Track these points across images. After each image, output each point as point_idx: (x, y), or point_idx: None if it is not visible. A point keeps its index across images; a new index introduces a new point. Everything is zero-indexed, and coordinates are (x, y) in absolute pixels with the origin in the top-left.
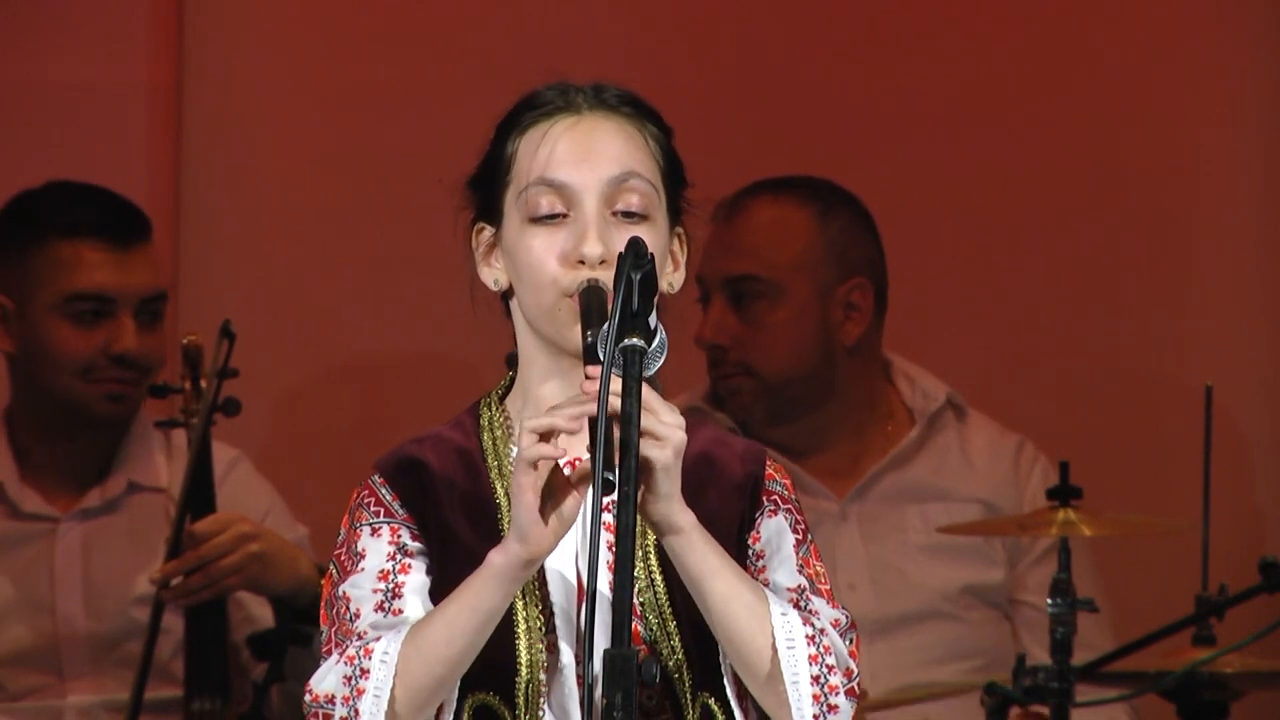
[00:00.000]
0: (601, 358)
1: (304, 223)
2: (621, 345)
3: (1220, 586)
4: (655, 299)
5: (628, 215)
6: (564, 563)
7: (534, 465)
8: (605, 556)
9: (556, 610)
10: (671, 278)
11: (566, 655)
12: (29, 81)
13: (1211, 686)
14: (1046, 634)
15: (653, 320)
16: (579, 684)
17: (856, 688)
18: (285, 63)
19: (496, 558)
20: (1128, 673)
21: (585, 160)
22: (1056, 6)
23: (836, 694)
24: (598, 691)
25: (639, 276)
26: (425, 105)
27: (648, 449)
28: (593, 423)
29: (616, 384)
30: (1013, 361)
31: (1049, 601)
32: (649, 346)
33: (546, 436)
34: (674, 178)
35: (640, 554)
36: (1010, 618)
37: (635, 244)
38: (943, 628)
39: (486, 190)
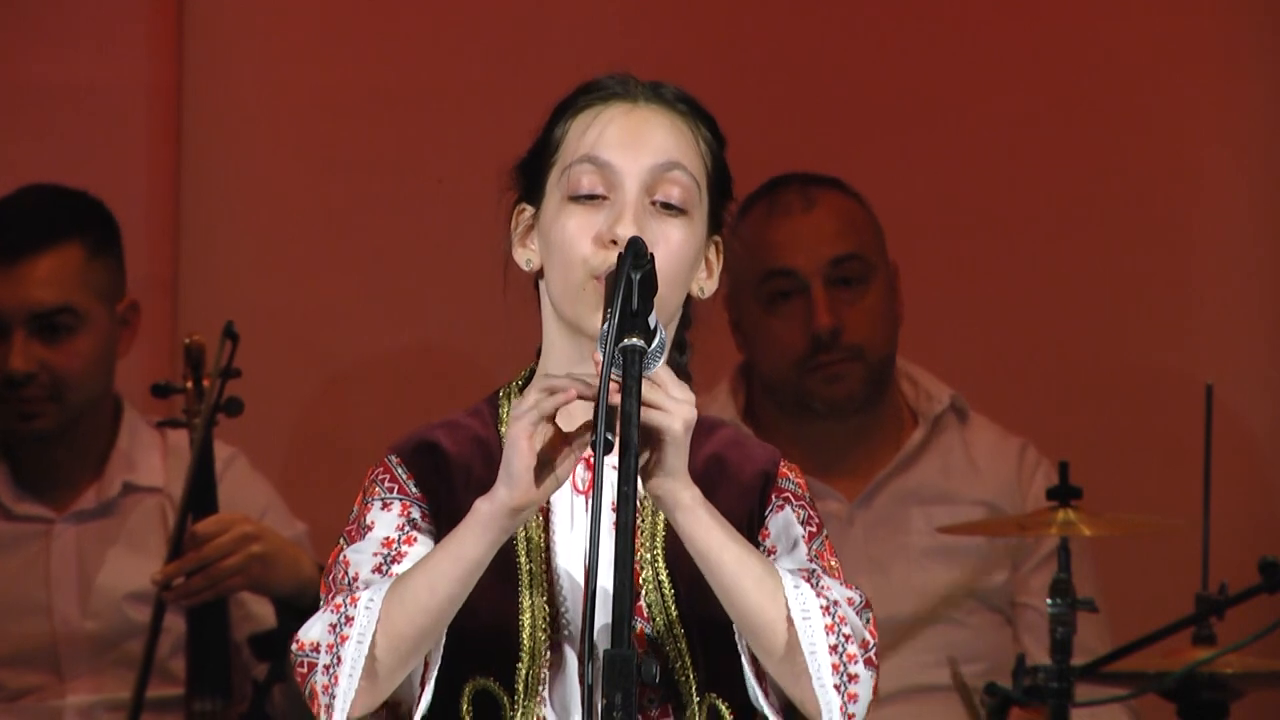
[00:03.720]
0: (601, 355)
1: (304, 222)
2: (621, 345)
3: (1220, 586)
4: (655, 298)
5: (667, 207)
6: (573, 559)
7: (539, 417)
8: (608, 554)
9: (564, 607)
10: (703, 283)
11: (571, 652)
12: (29, 81)
13: (1211, 686)
14: (1048, 637)
15: (653, 319)
16: (581, 683)
17: (875, 658)
18: (285, 63)
19: (482, 505)
20: (1128, 673)
21: (633, 144)
22: (1059, 9)
23: (855, 663)
24: (597, 691)
25: (639, 276)
26: (425, 105)
27: (658, 419)
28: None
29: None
30: (1013, 361)
31: (1049, 601)
32: (649, 346)
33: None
34: (720, 185)
35: (649, 556)
36: (1012, 620)
37: (635, 243)
38: (944, 631)
39: (532, 171)
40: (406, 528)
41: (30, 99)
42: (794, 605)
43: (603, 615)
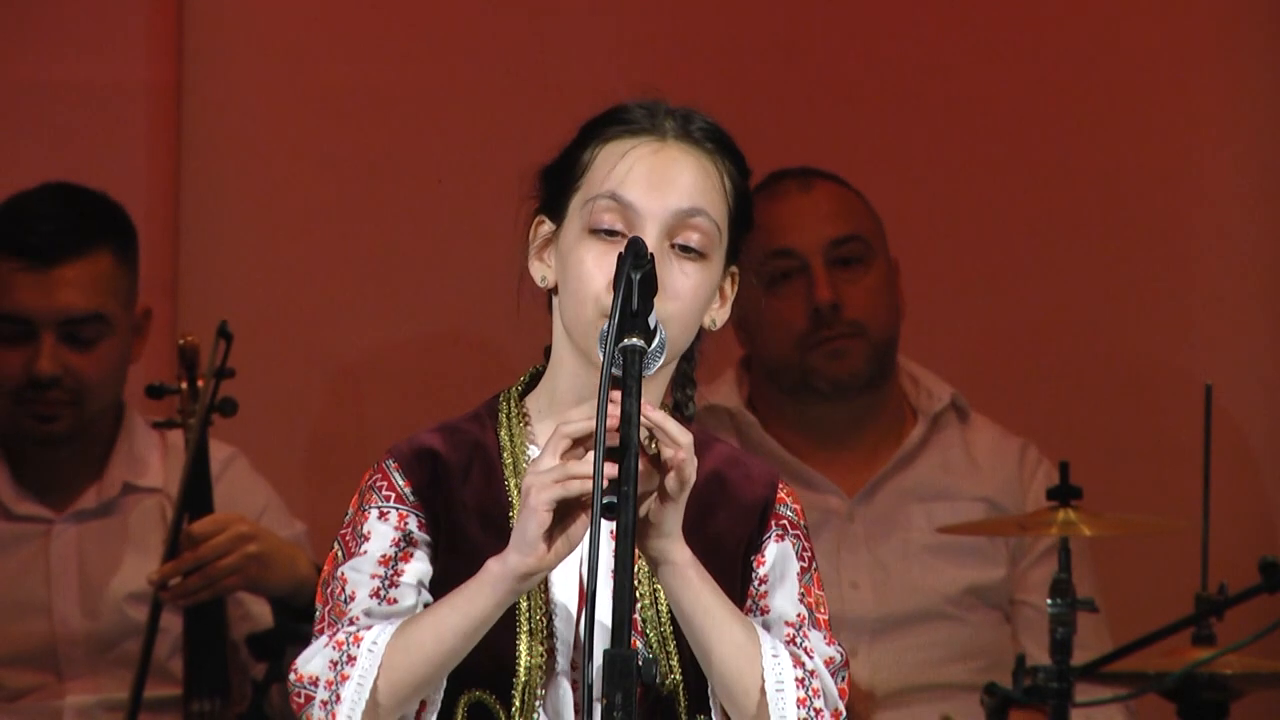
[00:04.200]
0: (601, 356)
1: (303, 223)
2: (621, 345)
3: (1220, 586)
4: (655, 299)
5: (685, 250)
6: (567, 565)
7: (563, 494)
8: (606, 559)
9: (556, 613)
10: (715, 314)
11: (563, 658)
12: (29, 81)
13: (1211, 686)
14: (1045, 634)
15: (653, 320)
16: (574, 687)
17: None
18: (285, 62)
19: (494, 566)
20: (1128, 673)
21: (658, 187)
22: (1061, 9)
23: None
24: (596, 693)
25: (639, 276)
26: (425, 105)
27: (671, 463)
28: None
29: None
30: (1013, 361)
31: (1049, 602)
32: (649, 346)
33: (576, 442)
34: (741, 219)
35: (645, 572)
36: (1010, 618)
37: (635, 244)
38: (944, 628)
39: (556, 187)
40: (403, 543)
41: (30, 99)
42: (769, 676)
43: (601, 622)
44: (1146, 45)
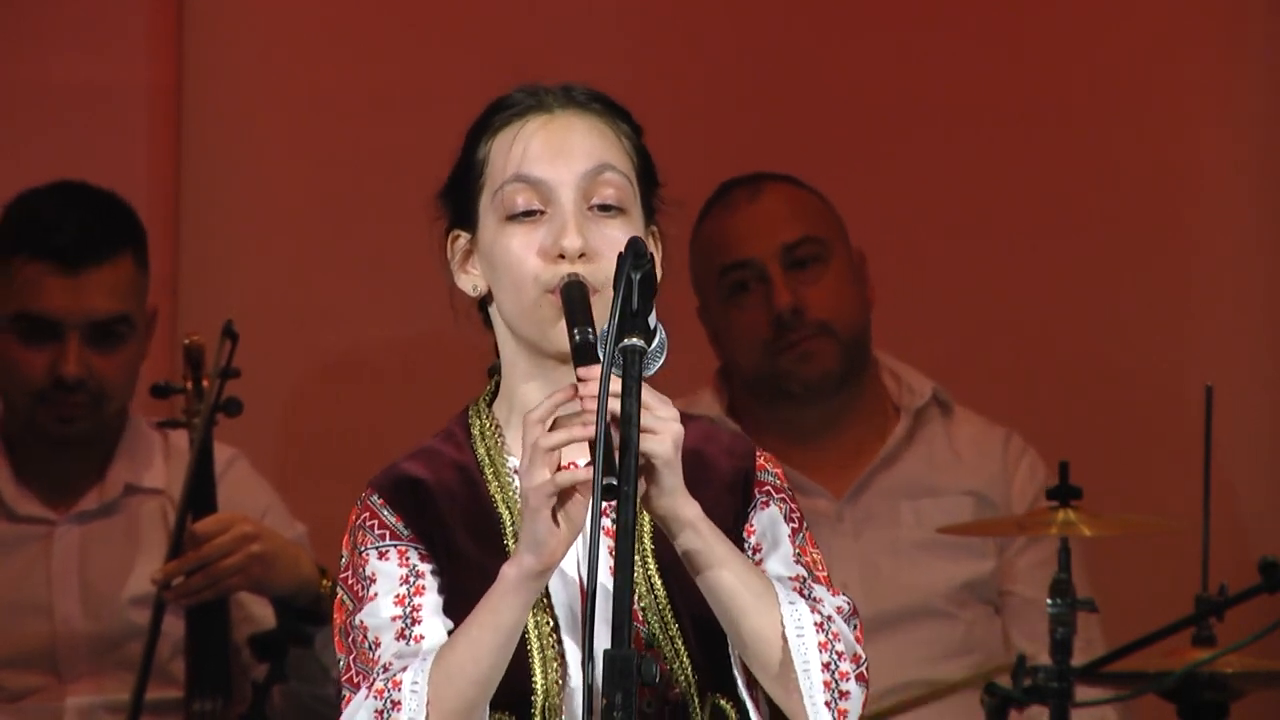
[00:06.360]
0: (600, 357)
1: (304, 222)
2: (621, 345)
3: (1220, 586)
4: (655, 298)
5: (604, 209)
6: (565, 566)
7: (555, 488)
8: (605, 558)
9: (561, 616)
10: None
11: (574, 661)
12: (29, 81)
13: (1211, 686)
14: (1032, 624)
15: (653, 320)
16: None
17: (866, 673)
18: (285, 63)
19: (510, 571)
20: (1128, 673)
21: (560, 155)
22: (1059, 7)
23: (847, 680)
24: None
25: (639, 276)
26: (426, 104)
27: (648, 444)
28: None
29: (614, 385)
30: (1011, 361)
31: (1049, 602)
32: (649, 346)
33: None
34: (647, 175)
35: (638, 558)
36: (1000, 610)
37: (635, 243)
38: (937, 625)
39: (460, 196)
40: (411, 577)
41: (30, 99)
42: (789, 622)
43: (601, 618)
44: (1145, 43)
